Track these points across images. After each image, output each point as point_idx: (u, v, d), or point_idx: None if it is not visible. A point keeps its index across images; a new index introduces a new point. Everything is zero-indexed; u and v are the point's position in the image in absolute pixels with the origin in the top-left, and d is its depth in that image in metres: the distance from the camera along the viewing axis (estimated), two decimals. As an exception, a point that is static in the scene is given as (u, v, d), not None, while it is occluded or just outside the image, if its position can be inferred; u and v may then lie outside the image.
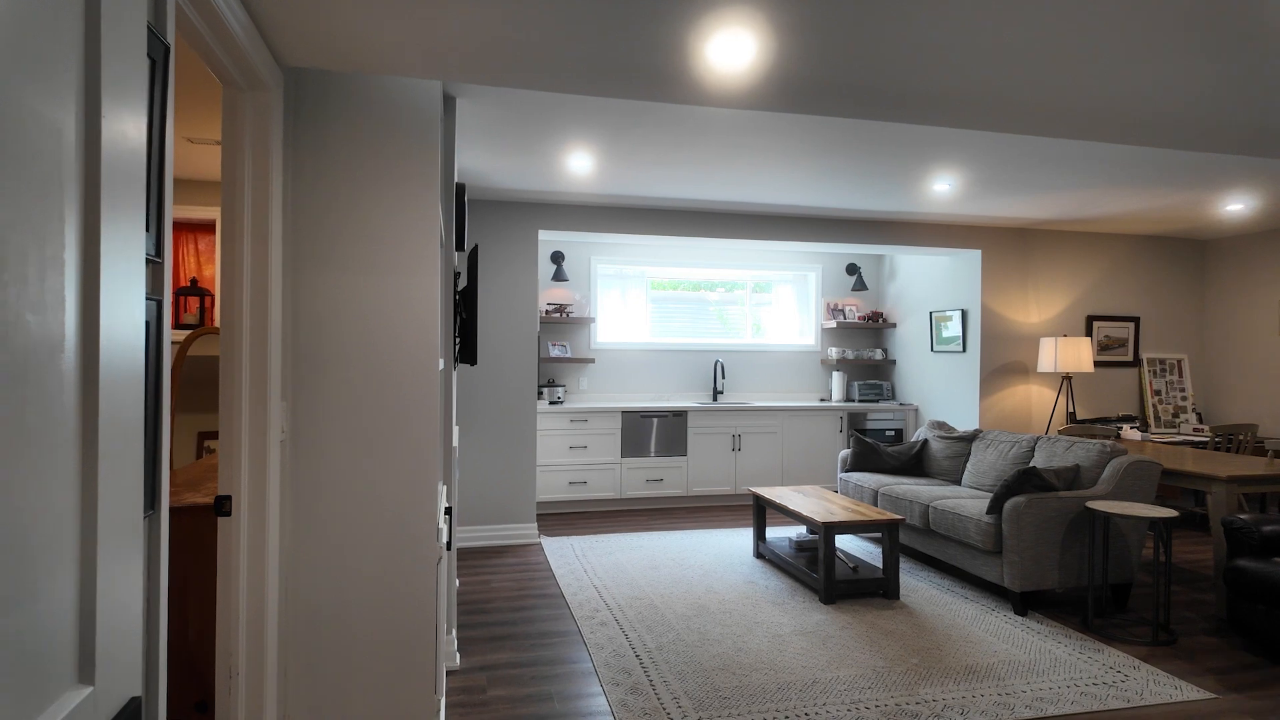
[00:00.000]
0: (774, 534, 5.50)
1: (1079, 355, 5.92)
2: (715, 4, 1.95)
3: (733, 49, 2.21)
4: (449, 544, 2.91)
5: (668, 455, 6.36)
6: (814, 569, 4.21)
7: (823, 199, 5.26)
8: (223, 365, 2.00)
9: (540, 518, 6.02)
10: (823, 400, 7.21)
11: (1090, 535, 3.74)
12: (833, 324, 7.23)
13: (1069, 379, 6.08)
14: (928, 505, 4.42)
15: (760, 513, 4.86)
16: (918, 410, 6.95)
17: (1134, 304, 6.63)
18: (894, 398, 7.25)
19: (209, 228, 5.06)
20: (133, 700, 0.77)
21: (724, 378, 7.05)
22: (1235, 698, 2.95)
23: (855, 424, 6.85)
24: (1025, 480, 3.91)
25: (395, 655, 2.29)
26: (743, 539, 5.32)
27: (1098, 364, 6.51)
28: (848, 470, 5.47)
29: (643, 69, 2.37)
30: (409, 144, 2.31)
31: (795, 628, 3.61)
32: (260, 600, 2.03)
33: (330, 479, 2.24)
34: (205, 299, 5.10)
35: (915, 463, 5.40)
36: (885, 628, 3.62)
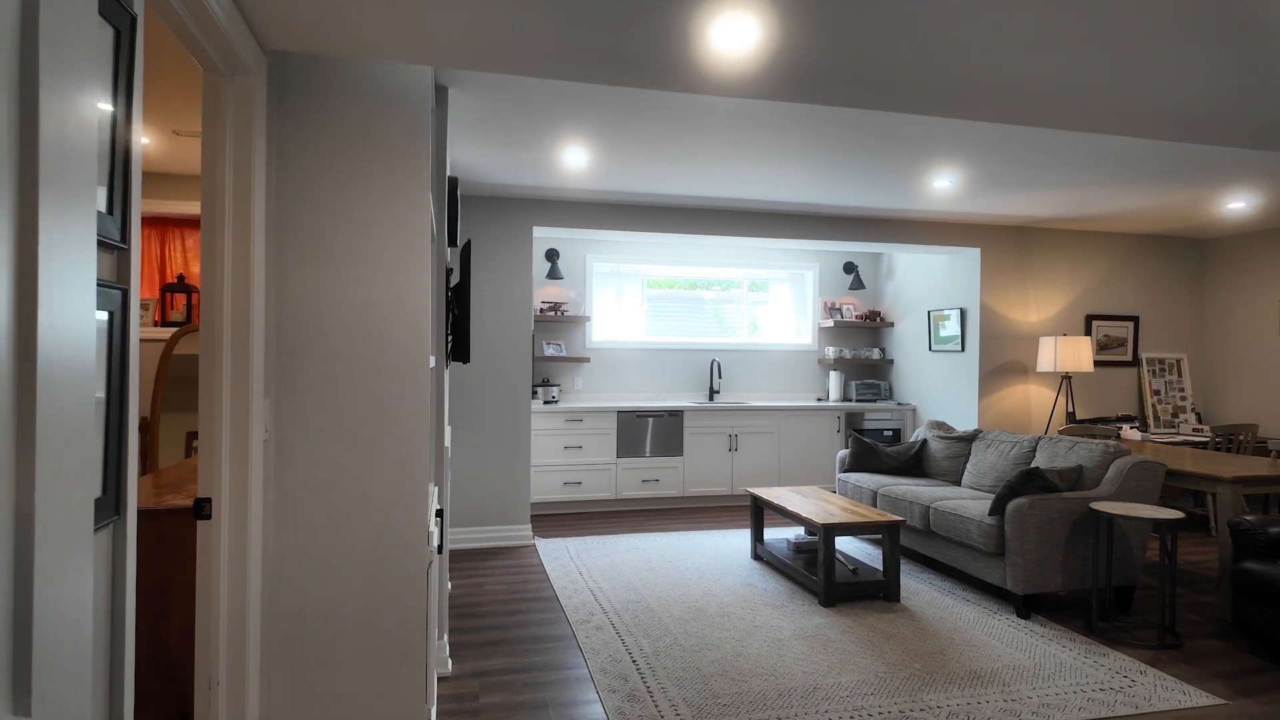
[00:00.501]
0: (771, 535, 5.43)
1: (1079, 355, 5.87)
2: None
3: (736, 33, 2.14)
4: (440, 547, 2.82)
5: (664, 455, 6.28)
6: (813, 571, 4.14)
7: (821, 195, 5.19)
8: (203, 362, 1.92)
9: (534, 519, 5.93)
10: (820, 400, 7.15)
11: (1095, 537, 3.68)
12: (830, 323, 7.16)
13: (1069, 379, 6.03)
14: (928, 506, 4.35)
15: (758, 514, 4.79)
16: (915, 410, 6.89)
17: (1133, 303, 6.59)
18: (892, 397, 7.19)
19: (197, 223, 4.97)
20: (77, 733, 0.69)
21: (720, 377, 6.98)
22: (1244, 703, 2.89)
23: (853, 424, 6.79)
24: (1028, 481, 3.84)
25: (384, 664, 2.20)
26: (740, 540, 5.25)
27: (1097, 364, 6.46)
28: (846, 471, 5.40)
29: (644, 55, 2.29)
30: (399, 133, 2.23)
31: (795, 631, 3.53)
32: (241, 607, 1.94)
33: (316, 480, 2.15)
34: (193, 295, 5.00)
35: (914, 463, 5.34)
36: (887, 631, 3.55)
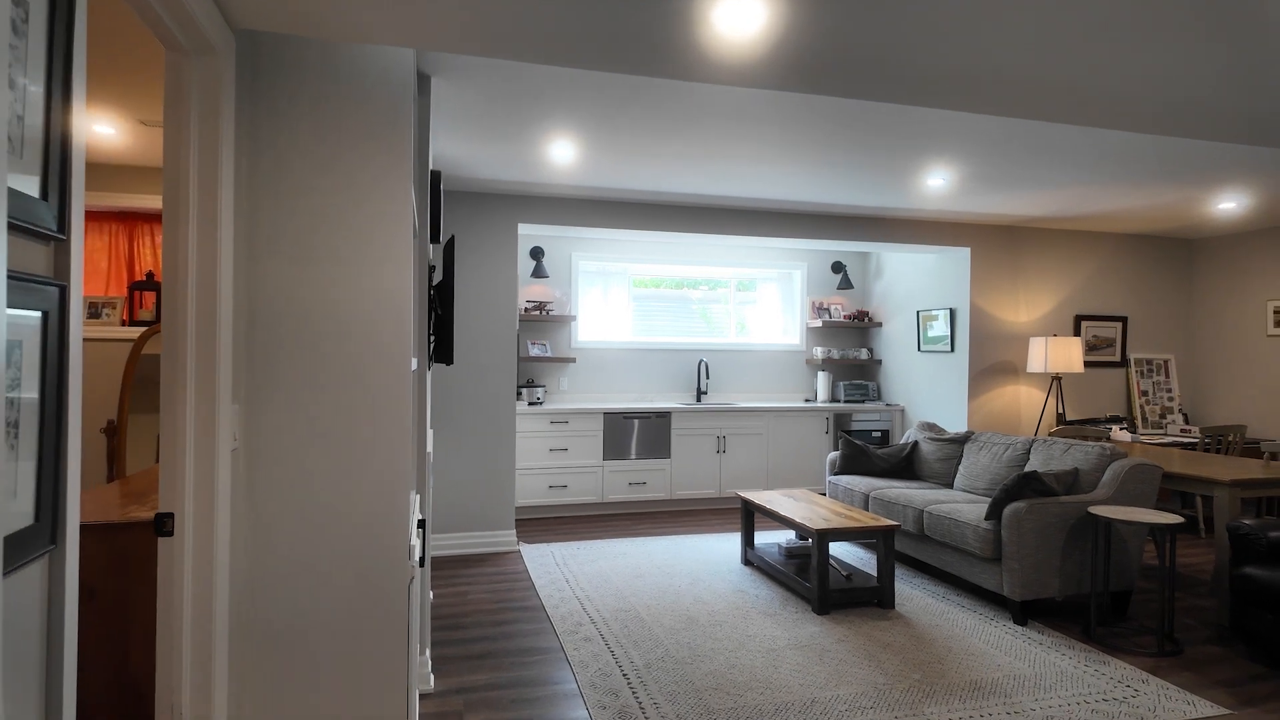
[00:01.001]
0: (762, 539, 5.33)
1: (1069, 355, 5.83)
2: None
3: (741, 16, 2.02)
4: (423, 560, 2.68)
5: (651, 457, 6.17)
6: (806, 577, 4.04)
7: (811, 193, 5.09)
8: (164, 365, 1.77)
9: (519, 523, 5.79)
10: (808, 401, 7.06)
11: (1093, 542, 3.61)
12: (818, 323, 7.08)
13: (1059, 379, 5.99)
14: (922, 510, 4.27)
15: (748, 518, 4.68)
16: (904, 411, 6.83)
17: (1122, 303, 6.57)
18: (880, 398, 7.12)
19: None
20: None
21: (708, 378, 6.87)
22: (1251, 711, 2.82)
23: (841, 425, 6.71)
24: (1025, 484, 3.77)
25: (363, 686, 2.07)
26: (730, 544, 5.14)
27: (1085, 364, 6.43)
28: (837, 473, 5.31)
29: (642, 38, 2.17)
30: (379, 120, 2.09)
31: (790, 641, 3.43)
32: (207, 629, 1.80)
33: (289, 492, 2.01)
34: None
35: (906, 465, 5.26)
36: (883, 640, 3.46)
